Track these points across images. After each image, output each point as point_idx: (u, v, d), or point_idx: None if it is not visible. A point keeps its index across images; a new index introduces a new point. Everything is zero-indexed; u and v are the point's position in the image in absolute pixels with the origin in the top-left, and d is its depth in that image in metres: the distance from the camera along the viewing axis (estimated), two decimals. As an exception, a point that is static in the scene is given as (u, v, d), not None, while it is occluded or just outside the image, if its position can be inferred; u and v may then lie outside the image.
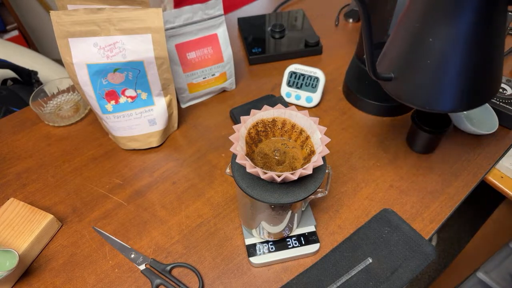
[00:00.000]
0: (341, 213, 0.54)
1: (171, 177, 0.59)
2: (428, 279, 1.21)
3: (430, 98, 0.38)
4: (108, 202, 0.56)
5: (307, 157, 0.40)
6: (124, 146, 0.63)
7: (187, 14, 0.60)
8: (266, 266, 0.49)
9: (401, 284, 0.46)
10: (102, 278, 0.48)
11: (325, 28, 0.87)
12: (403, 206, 0.55)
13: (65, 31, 0.50)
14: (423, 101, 0.38)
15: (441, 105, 0.38)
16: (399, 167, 0.59)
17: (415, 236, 0.50)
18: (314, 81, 0.68)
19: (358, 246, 0.49)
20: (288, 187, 0.39)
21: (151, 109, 0.60)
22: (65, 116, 0.67)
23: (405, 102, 0.39)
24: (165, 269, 0.48)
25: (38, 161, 0.62)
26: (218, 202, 0.56)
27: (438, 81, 0.37)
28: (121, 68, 0.54)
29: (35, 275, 0.49)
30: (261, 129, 0.42)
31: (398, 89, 0.40)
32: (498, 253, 0.70)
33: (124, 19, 0.51)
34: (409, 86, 0.38)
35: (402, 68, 0.39)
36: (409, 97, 0.39)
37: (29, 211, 0.52)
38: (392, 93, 0.41)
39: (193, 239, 0.52)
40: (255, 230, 0.49)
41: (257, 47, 0.80)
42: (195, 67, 0.66)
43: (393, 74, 0.39)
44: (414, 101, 0.38)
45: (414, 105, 0.39)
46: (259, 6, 0.96)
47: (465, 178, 0.58)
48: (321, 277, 0.47)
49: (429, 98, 0.38)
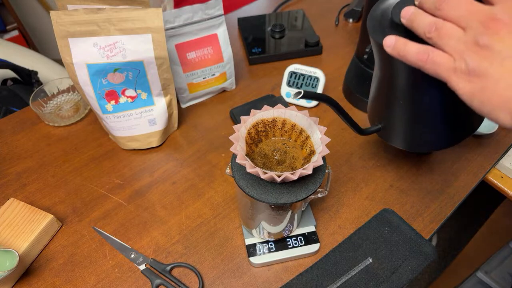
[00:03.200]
0: (341, 213, 0.54)
1: (171, 177, 0.59)
2: (428, 279, 1.21)
3: (411, 144, 0.44)
4: (108, 202, 0.56)
5: (307, 157, 0.40)
6: (124, 146, 0.63)
7: (187, 14, 0.60)
8: (266, 266, 0.49)
9: (401, 284, 0.46)
10: (102, 278, 0.48)
11: (325, 28, 0.87)
12: (403, 206, 0.55)
13: (65, 31, 0.50)
14: (407, 146, 0.45)
15: (422, 148, 0.47)
16: (399, 167, 0.59)
17: (415, 236, 0.50)
18: (314, 81, 0.68)
19: (358, 246, 0.49)
20: (288, 187, 0.39)
21: (151, 109, 0.60)
22: (65, 116, 0.67)
23: (395, 146, 0.46)
24: (165, 269, 0.48)
25: (38, 161, 0.62)
26: (218, 202, 0.56)
27: (416, 131, 0.43)
28: (121, 68, 0.54)
29: (35, 275, 0.49)
30: (261, 129, 0.42)
31: (387, 135, 0.46)
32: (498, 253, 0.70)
33: (124, 19, 0.51)
34: (395, 134, 0.45)
35: (386, 119, 0.44)
36: (396, 142, 0.45)
37: (29, 211, 0.52)
38: (383, 138, 0.47)
39: (193, 239, 0.52)
40: (255, 230, 0.49)
41: (257, 47, 0.80)
42: (195, 67, 0.66)
43: (380, 125, 0.45)
44: (401, 145, 0.45)
45: (402, 148, 0.46)
46: (259, 6, 0.96)
47: (465, 178, 0.58)
48: (321, 277, 0.47)
49: (411, 143, 0.44)
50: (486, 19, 0.28)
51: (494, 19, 0.28)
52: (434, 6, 0.32)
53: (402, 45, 0.34)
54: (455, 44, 0.30)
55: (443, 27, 0.31)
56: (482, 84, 0.28)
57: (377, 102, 0.46)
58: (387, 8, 0.38)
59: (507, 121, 0.29)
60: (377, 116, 0.47)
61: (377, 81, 0.44)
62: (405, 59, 0.34)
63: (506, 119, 0.28)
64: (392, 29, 0.37)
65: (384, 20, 0.38)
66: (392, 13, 0.36)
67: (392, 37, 0.35)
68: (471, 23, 0.29)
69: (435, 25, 0.31)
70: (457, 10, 0.30)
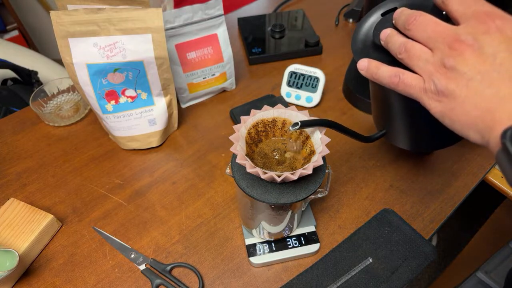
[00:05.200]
0: (341, 213, 0.54)
1: (171, 177, 0.59)
2: (428, 279, 1.21)
3: (415, 145, 0.45)
4: (108, 202, 0.56)
5: (307, 157, 0.40)
6: (124, 146, 0.63)
7: (187, 14, 0.60)
8: (266, 266, 0.49)
9: (401, 284, 0.46)
10: (102, 278, 0.48)
11: (325, 28, 0.87)
12: (403, 206, 0.55)
13: (65, 31, 0.50)
14: (412, 147, 0.46)
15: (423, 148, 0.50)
16: (399, 167, 0.59)
17: (415, 236, 0.50)
18: (314, 81, 0.68)
19: (358, 246, 0.49)
20: (288, 187, 0.39)
21: (151, 109, 0.60)
22: (65, 116, 0.67)
23: (401, 147, 0.47)
24: (165, 269, 0.48)
25: (38, 161, 0.62)
26: (218, 202, 0.56)
27: (417, 133, 0.44)
28: (121, 68, 0.54)
29: (35, 275, 0.49)
30: (261, 129, 0.42)
31: (392, 138, 0.47)
32: (498, 253, 0.70)
33: (124, 19, 0.51)
34: (398, 137, 0.46)
35: (388, 125, 0.46)
36: (401, 144, 0.46)
37: (29, 211, 0.52)
38: (390, 141, 0.48)
39: (193, 239, 0.52)
40: (255, 230, 0.49)
41: (257, 47, 0.80)
42: (195, 67, 0.66)
43: (384, 129, 0.47)
44: (406, 146, 0.46)
45: (408, 149, 0.47)
46: (259, 6, 0.96)
47: (465, 178, 0.58)
48: (321, 277, 0.47)
49: (415, 145, 0.45)
50: (451, 40, 0.29)
51: (458, 40, 0.29)
52: (403, 26, 0.33)
53: (375, 68, 0.36)
54: (424, 66, 0.31)
55: (411, 49, 0.32)
56: (450, 105, 0.30)
57: (376, 110, 0.47)
58: (370, 28, 0.39)
59: (476, 139, 0.29)
60: (379, 122, 0.48)
61: (372, 92, 0.45)
62: (378, 82, 0.36)
63: (475, 137, 0.29)
64: (376, 50, 0.38)
65: (367, 41, 0.39)
66: (373, 34, 0.38)
67: (365, 60, 0.37)
68: (438, 44, 0.30)
69: (405, 46, 0.33)
70: (424, 32, 0.31)
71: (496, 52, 0.27)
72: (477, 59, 0.28)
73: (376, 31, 0.37)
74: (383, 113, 0.45)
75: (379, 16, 0.39)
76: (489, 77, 0.27)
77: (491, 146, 0.28)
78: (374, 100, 0.46)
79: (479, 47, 0.28)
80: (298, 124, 0.36)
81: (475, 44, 0.28)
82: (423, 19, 0.31)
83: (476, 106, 0.28)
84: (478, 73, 0.28)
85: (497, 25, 0.28)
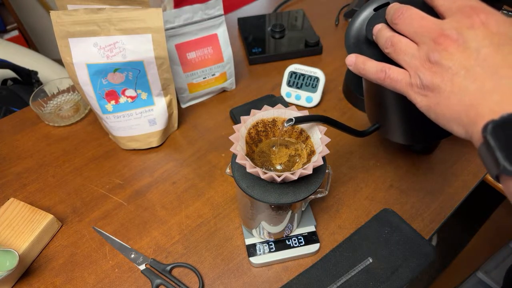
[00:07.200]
0: (341, 213, 0.54)
1: (171, 177, 0.59)
2: (428, 279, 1.21)
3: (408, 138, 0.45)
4: (108, 202, 0.56)
5: (307, 157, 0.40)
6: (124, 146, 0.63)
7: (187, 14, 0.60)
8: (266, 266, 0.49)
9: (401, 284, 0.46)
10: (102, 278, 0.48)
11: (325, 28, 0.87)
12: (403, 206, 0.55)
13: (65, 31, 0.50)
14: (405, 140, 0.45)
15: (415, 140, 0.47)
16: (399, 167, 0.59)
17: (415, 236, 0.50)
18: (314, 81, 0.68)
19: (358, 246, 0.49)
20: (288, 187, 0.39)
21: (151, 109, 0.60)
22: (65, 116, 0.67)
23: (395, 141, 0.47)
24: (165, 269, 0.48)
25: (38, 161, 0.62)
26: (218, 202, 0.56)
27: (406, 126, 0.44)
28: (121, 68, 0.54)
29: (35, 275, 0.49)
30: (261, 129, 0.42)
31: (385, 132, 0.47)
32: (498, 253, 0.70)
33: (124, 19, 0.51)
34: (391, 130, 0.46)
35: (381, 118, 0.46)
36: (395, 138, 0.46)
37: (29, 211, 0.52)
38: (384, 135, 0.48)
39: (193, 239, 0.52)
40: (255, 230, 0.49)
41: (257, 47, 0.80)
42: (195, 67, 0.66)
43: (377, 124, 0.47)
44: (399, 140, 0.46)
45: (401, 143, 0.47)
46: (259, 6, 0.96)
47: (465, 178, 0.58)
48: (321, 277, 0.47)
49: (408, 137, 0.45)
50: (436, 35, 0.29)
51: (443, 35, 0.29)
52: (391, 20, 0.33)
53: (362, 64, 0.36)
54: (410, 60, 0.31)
55: (398, 43, 0.32)
56: (436, 99, 0.30)
57: (369, 104, 0.48)
58: (363, 23, 0.39)
59: (460, 133, 0.30)
60: (372, 116, 0.48)
61: (365, 87, 0.45)
62: (365, 77, 0.36)
63: (459, 131, 0.30)
64: (369, 46, 0.38)
65: (360, 37, 0.39)
66: (366, 30, 0.38)
67: (353, 56, 0.37)
68: (423, 38, 0.30)
69: (391, 40, 0.33)
70: (411, 26, 0.31)
71: (480, 47, 0.27)
72: (461, 54, 0.28)
73: (368, 26, 0.37)
74: (376, 107, 0.46)
75: (372, 11, 0.39)
76: (473, 72, 0.27)
77: (474, 140, 0.28)
78: (366, 94, 0.46)
79: (463, 41, 0.28)
80: (293, 120, 0.36)
81: (460, 39, 0.28)
82: (409, 13, 0.31)
83: (460, 101, 0.28)
84: (463, 68, 0.28)
85: (482, 20, 0.28)
